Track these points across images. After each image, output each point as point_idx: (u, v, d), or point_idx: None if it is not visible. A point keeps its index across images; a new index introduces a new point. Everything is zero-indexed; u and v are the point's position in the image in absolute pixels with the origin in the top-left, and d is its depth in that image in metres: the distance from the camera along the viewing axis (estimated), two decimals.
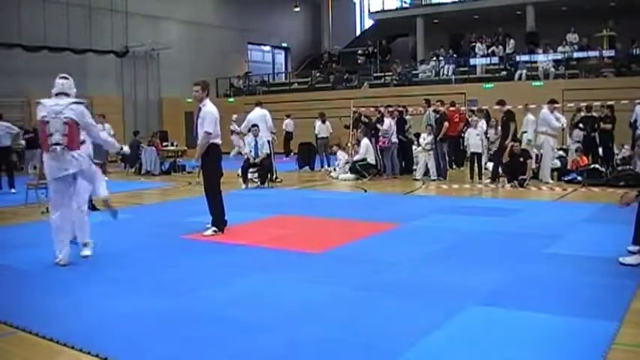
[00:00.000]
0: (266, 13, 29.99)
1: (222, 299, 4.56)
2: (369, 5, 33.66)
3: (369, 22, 33.29)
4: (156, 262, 5.89)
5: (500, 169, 12.07)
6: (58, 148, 5.50)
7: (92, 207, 9.66)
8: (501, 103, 12.27)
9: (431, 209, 8.95)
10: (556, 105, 12.61)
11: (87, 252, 5.97)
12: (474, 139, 12.59)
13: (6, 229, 8.16)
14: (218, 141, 7.18)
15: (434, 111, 13.86)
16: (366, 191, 11.74)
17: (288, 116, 21.38)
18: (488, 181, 12.15)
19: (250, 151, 12.52)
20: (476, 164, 12.60)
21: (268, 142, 12.82)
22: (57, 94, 5.70)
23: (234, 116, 21.64)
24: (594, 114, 13.72)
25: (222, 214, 7.26)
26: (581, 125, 13.59)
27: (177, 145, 19.39)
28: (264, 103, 14.21)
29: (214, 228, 7.15)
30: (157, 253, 6.33)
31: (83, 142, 5.94)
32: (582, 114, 13.88)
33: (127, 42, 23.47)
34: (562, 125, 12.85)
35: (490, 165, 12.90)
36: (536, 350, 3.47)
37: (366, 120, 15.07)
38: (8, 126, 12.54)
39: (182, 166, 17.05)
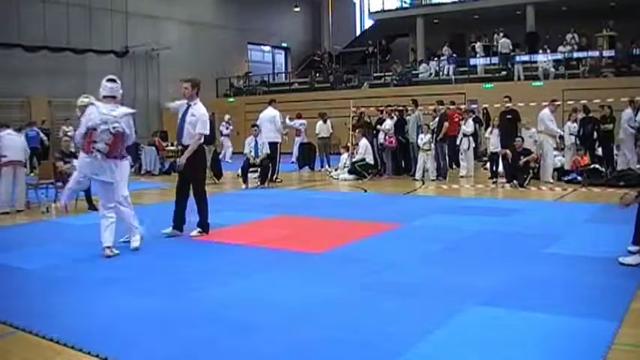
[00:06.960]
0: (266, 13, 29.98)
1: (222, 299, 4.56)
2: (369, 5, 33.64)
3: (369, 22, 33.30)
4: (155, 262, 5.90)
5: (502, 169, 12.09)
6: (99, 155, 5.78)
7: (92, 207, 9.70)
8: (508, 97, 12.50)
9: (431, 209, 8.95)
10: (556, 103, 12.60)
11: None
12: (495, 138, 12.57)
13: (6, 229, 8.15)
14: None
15: (434, 111, 13.83)
16: (366, 191, 11.74)
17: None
18: (504, 180, 12.09)
19: (250, 151, 12.52)
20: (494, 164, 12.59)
21: (269, 142, 12.80)
22: (105, 97, 5.91)
23: (227, 117, 21.58)
24: (592, 115, 13.64)
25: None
26: (581, 130, 13.43)
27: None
28: (264, 102, 14.18)
29: (199, 229, 7.16)
30: (156, 253, 6.33)
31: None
32: (580, 115, 13.73)
33: (127, 42, 23.47)
34: (558, 132, 12.61)
35: (488, 165, 12.89)
36: (536, 350, 3.46)
37: (369, 120, 15.07)
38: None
39: None
